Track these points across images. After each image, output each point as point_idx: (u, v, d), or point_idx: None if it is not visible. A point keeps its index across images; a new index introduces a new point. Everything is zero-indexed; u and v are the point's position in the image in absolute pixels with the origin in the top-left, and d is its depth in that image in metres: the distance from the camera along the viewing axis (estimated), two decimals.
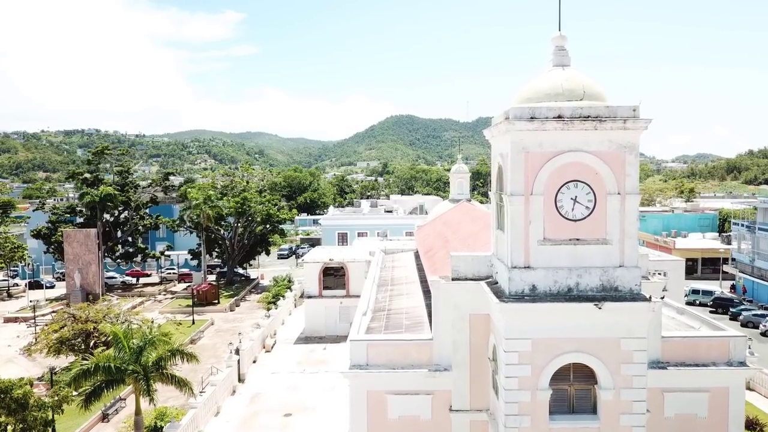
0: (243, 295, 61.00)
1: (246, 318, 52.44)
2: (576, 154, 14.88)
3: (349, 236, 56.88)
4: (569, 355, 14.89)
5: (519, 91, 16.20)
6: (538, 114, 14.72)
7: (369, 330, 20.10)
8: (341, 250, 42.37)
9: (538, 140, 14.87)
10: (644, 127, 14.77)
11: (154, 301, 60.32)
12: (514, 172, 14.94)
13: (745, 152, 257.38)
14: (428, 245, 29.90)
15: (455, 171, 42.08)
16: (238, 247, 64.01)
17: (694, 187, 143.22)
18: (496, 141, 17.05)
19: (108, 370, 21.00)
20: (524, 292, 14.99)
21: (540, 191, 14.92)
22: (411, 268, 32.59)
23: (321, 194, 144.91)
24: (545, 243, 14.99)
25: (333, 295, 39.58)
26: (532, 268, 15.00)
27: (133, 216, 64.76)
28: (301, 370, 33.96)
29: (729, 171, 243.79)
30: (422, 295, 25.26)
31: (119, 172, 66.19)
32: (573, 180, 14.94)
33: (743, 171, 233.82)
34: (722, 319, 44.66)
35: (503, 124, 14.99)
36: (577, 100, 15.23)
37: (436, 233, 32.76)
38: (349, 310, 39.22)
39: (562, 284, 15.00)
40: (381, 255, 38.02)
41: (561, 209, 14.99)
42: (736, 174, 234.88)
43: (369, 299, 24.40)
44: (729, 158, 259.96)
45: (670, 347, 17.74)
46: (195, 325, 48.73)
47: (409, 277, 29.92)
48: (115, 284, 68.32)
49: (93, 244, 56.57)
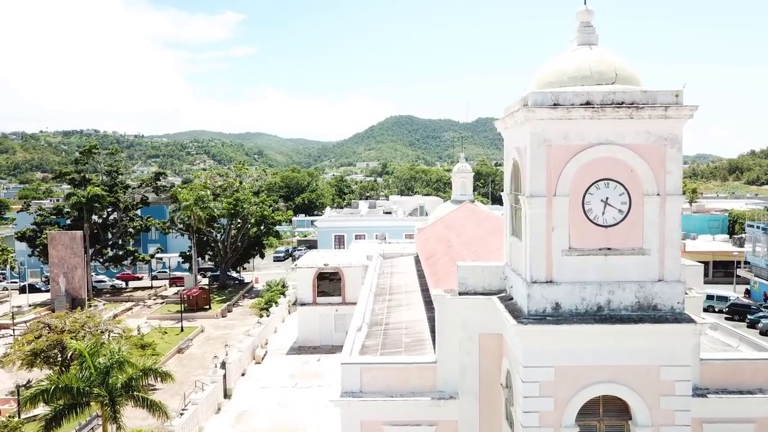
0: (236, 300, 58.58)
1: (238, 324, 50.06)
2: (607, 148, 12.54)
3: (347, 239, 54.49)
4: (599, 386, 12.56)
5: (538, 73, 13.85)
6: (563, 100, 12.38)
7: (364, 349, 17.75)
8: (337, 254, 40.02)
9: (562, 131, 12.53)
10: (689, 116, 12.43)
11: (143, 307, 57.89)
12: (534, 170, 12.60)
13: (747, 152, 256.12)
14: (430, 250, 27.57)
15: (457, 170, 39.74)
16: (231, 250, 61.64)
17: (696, 188, 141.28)
18: (510, 133, 14.70)
19: (70, 392, 18.63)
20: (546, 312, 12.65)
21: (564, 192, 12.58)
22: (411, 275, 30.25)
23: (319, 195, 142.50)
24: (571, 253, 12.64)
25: (328, 303, 37.23)
26: (555, 283, 12.66)
27: (122, 218, 62.37)
28: (293, 384, 31.59)
29: (731, 171, 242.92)
30: (423, 306, 22.92)
31: (108, 172, 63.78)
32: (604, 178, 12.60)
33: (745, 171, 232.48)
34: (739, 326, 42.31)
35: (521, 112, 12.64)
36: (608, 83, 12.89)
37: (438, 237, 30.43)
38: (345, 318, 36.86)
39: (590, 302, 12.66)
40: (379, 260, 35.70)
41: (589, 213, 12.65)
42: (739, 174, 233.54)
43: (365, 311, 22.08)
44: (731, 158, 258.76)
45: (711, 371, 15.38)
46: (184, 333, 46.33)
47: (409, 284, 27.58)
48: (104, 288, 65.89)
49: (79, 247, 54.18)
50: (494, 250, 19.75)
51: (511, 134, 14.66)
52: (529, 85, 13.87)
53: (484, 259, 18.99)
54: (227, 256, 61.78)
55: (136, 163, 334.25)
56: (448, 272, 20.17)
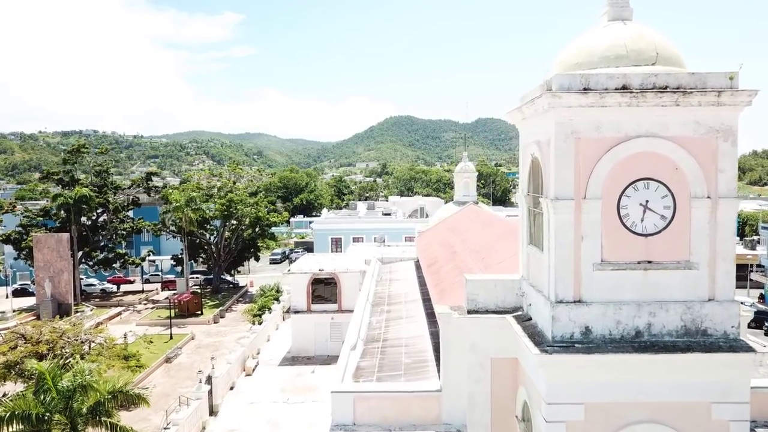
0: (229, 305, 56.44)
1: (230, 331, 47.94)
2: (648, 141, 10.46)
3: (344, 241, 52.36)
4: (638, 426, 10.48)
5: (562, 54, 11.76)
6: (595, 83, 10.29)
7: (359, 372, 15.65)
8: (333, 259, 37.88)
9: (594, 121, 10.45)
10: (746, 103, 10.33)
11: (133, 312, 55.77)
12: (560, 168, 10.51)
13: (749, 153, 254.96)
14: (432, 256, 25.50)
15: (460, 170, 37.64)
16: (224, 253, 59.50)
17: None
18: (528, 125, 12.60)
19: (28, 419, 16.52)
20: (573, 337, 10.56)
21: (596, 194, 10.50)
22: (411, 282, 28.17)
23: (318, 196, 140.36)
24: (603, 267, 10.56)
25: (323, 310, 35.10)
26: (584, 303, 10.58)
27: (112, 219, 60.22)
28: (285, 399, 29.45)
29: None
30: (425, 318, 20.85)
31: (98, 173, 61.64)
32: (643, 178, 10.52)
33: (747, 171, 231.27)
34: (756, 334, 40.18)
35: (544, 98, 10.54)
36: (648, 64, 10.80)
37: (441, 241, 28.36)
38: (341, 327, 34.78)
39: (627, 326, 10.57)
40: (377, 265, 33.63)
41: (626, 219, 10.57)
42: (741, 175, 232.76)
43: (360, 325, 20.01)
44: None
45: (761, 401, 13.28)
46: (173, 340, 44.22)
47: (409, 293, 25.48)
48: (94, 292, 63.71)
49: (65, 250, 52.01)
50: (504, 258, 17.68)
51: (529, 126, 12.56)
52: (551, 67, 11.79)
53: (493, 270, 16.92)
54: (221, 259, 59.66)
55: (135, 163, 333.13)
56: (453, 283, 18.10)
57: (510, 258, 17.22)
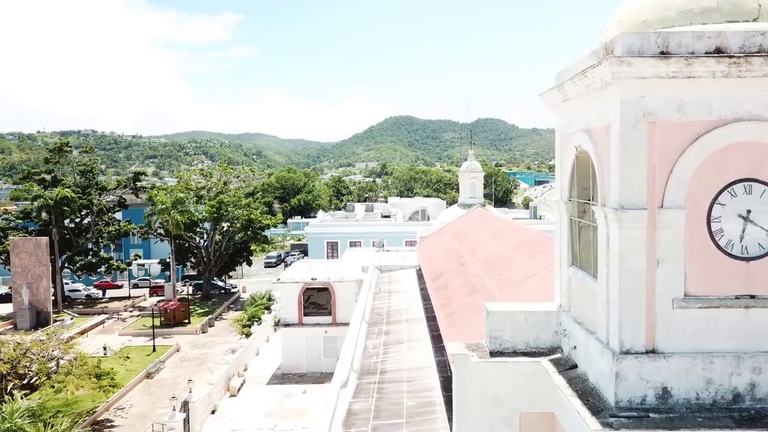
0: (219, 313, 53.44)
1: (219, 342, 44.93)
2: (752, 127, 7.44)
3: (340, 246, 49.25)
4: None
5: (623, 9, 8.73)
6: (677, 46, 7.26)
7: (350, 419, 12.61)
8: (327, 267, 34.82)
9: (676, 99, 7.42)
10: None
11: (117, 320, 52.76)
12: (627, 164, 7.47)
13: None
14: (437, 267, 22.47)
15: (466, 170, 34.61)
16: (215, 257, 56.43)
17: None
18: (572, 109, 9.53)
19: None
20: (646, 402, 7.53)
21: (678, 202, 7.48)
22: (413, 294, 25.13)
23: (316, 196, 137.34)
24: (689, 304, 7.53)
25: (316, 323, 32.07)
26: (661, 355, 7.54)
27: (96, 222, 57.14)
28: (272, 425, 26.41)
29: None
30: (430, 342, 17.84)
31: (82, 173, 58.60)
32: (745, 179, 7.50)
33: None
34: None
35: (604, 66, 7.48)
36: (749, 20, 7.78)
37: (446, 249, 25.32)
38: (335, 341, 31.80)
39: (722, 387, 7.55)
40: (375, 274, 30.61)
41: (720, 237, 7.54)
42: None
43: (354, 350, 16.99)
44: None
45: None
46: (156, 353, 41.22)
47: (411, 309, 22.44)
48: (79, 298, 60.74)
49: (44, 255, 48.95)
50: (527, 276, 14.65)
51: (573, 110, 9.50)
52: (607, 27, 8.76)
53: (515, 290, 13.90)
54: (211, 264, 56.59)
55: (134, 163, 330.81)
56: (465, 305, 15.06)
57: (534, 276, 14.20)
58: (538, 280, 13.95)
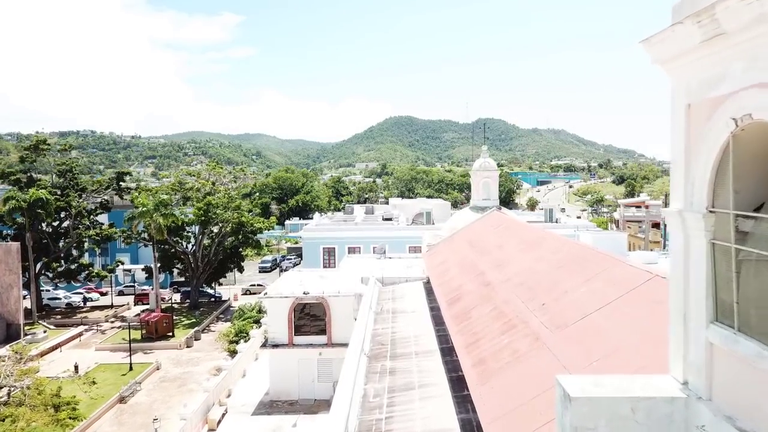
0: (207, 324, 49.43)
1: (204, 358, 40.92)
2: None
3: (338, 252, 45.19)
4: None
5: None
6: None
7: None
8: (321, 278, 30.75)
9: None
10: None
11: (96, 332, 48.69)
12: None
13: None
14: (453, 287, 18.42)
15: (479, 168, 30.61)
16: (203, 263, 52.36)
17: None
18: (725, 49, 5.43)
19: None
20: None
21: None
22: (422, 316, 21.07)
23: (314, 197, 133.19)
24: None
25: (309, 344, 28.00)
26: None
27: (76, 225, 53.10)
28: None
29: None
30: (449, 387, 13.83)
31: (61, 172, 54.60)
32: None
33: None
34: None
35: None
36: None
37: (462, 263, 21.28)
38: (331, 365, 27.84)
39: None
40: (376, 288, 26.57)
41: None
42: None
43: (351, 402, 12.97)
44: None
45: None
46: (133, 372, 37.19)
47: (421, 337, 18.39)
48: (58, 307, 56.68)
49: (15, 262, 44.91)
50: (585, 310, 10.66)
51: (728, 54, 5.42)
52: None
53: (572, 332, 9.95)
54: (198, 271, 52.52)
55: (132, 164, 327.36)
56: (500, 349, 11.10)
57: (597, 312, 10.18)
58: (604, 318, 9.94)
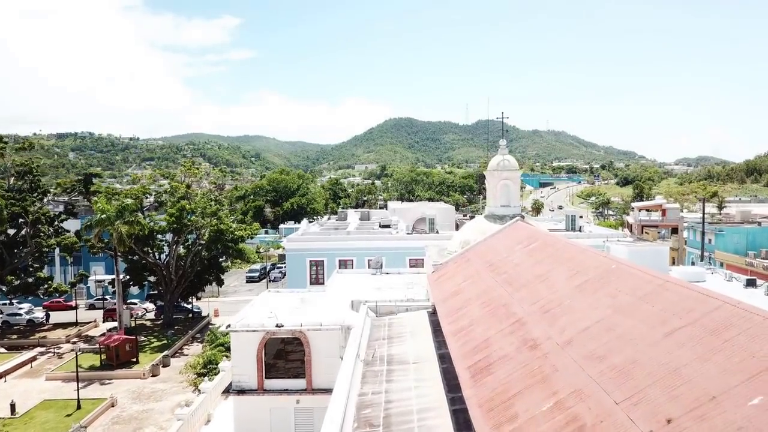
0: (180, 346, 43.45)
1: (170, 390, 34.95)
2: None
3: (327, 265, 39.12)
4: None
5: None
6: None
7: None
8: (301, 303, 24.79)
9: None
10: None
11: (53, 356, 42.73)
12: None
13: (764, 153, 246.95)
14: (477, 343, 12.55)
15: (497, 167, 24.74)
16: (177, 276, 46.43)
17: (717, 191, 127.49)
18: None
19: None
20: None
21: None
22: (428, 371, 15.14)
23: (310, 200, 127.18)
24: None
25: (283, 389, 22.07)
26: None
27: (35, 233, 47.23)
28: None
29: (749, 173, 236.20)
30: None
31: (20, 174, 48.74)
32: None
33: (764, 173, 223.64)
34: None
35: None
36: None
37: (485, 297, 15.40)
38: (311, 415, 21.99)
39: None
40: (367, 321, 20.64)
41: None
42: (757, 176, 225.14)
43: None
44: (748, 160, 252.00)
45: None
46: (81, 411, 31.25)
47: (428, 410, 12.47)
48: (18, 324, 50.78)
49: None
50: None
51: None
52: None
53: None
54: (173, 285, 46.59)
55: (130, 165, 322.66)
56: None
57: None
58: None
